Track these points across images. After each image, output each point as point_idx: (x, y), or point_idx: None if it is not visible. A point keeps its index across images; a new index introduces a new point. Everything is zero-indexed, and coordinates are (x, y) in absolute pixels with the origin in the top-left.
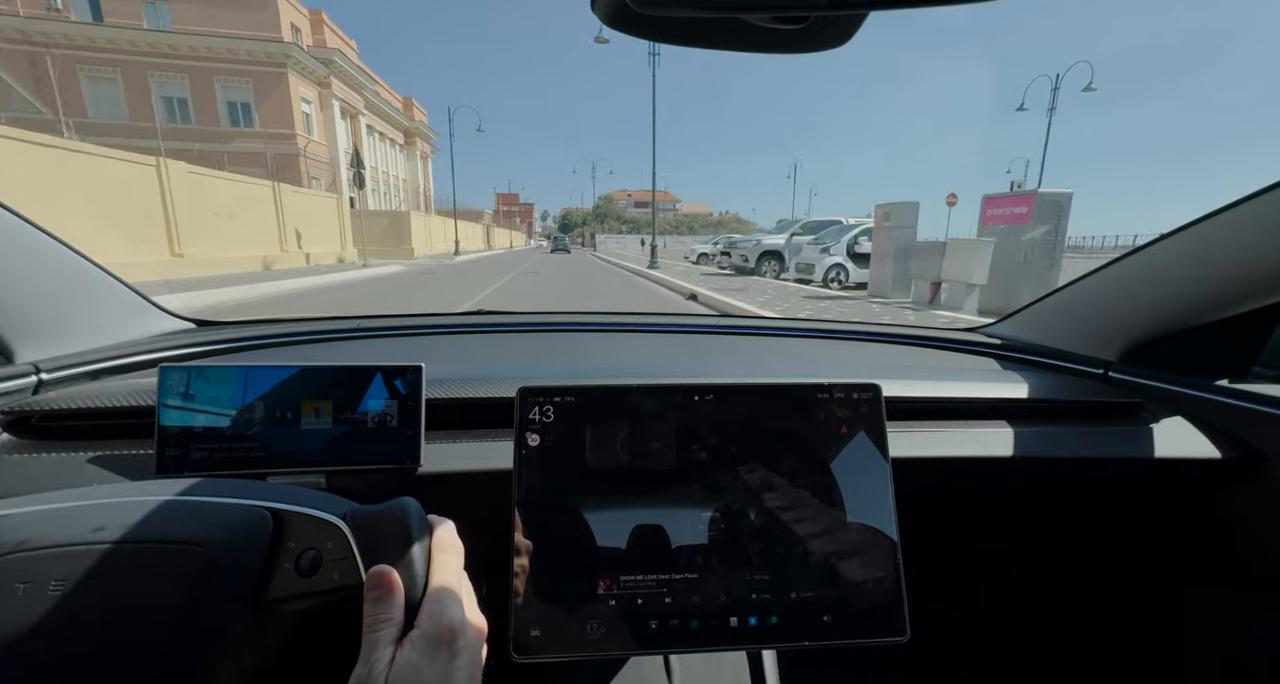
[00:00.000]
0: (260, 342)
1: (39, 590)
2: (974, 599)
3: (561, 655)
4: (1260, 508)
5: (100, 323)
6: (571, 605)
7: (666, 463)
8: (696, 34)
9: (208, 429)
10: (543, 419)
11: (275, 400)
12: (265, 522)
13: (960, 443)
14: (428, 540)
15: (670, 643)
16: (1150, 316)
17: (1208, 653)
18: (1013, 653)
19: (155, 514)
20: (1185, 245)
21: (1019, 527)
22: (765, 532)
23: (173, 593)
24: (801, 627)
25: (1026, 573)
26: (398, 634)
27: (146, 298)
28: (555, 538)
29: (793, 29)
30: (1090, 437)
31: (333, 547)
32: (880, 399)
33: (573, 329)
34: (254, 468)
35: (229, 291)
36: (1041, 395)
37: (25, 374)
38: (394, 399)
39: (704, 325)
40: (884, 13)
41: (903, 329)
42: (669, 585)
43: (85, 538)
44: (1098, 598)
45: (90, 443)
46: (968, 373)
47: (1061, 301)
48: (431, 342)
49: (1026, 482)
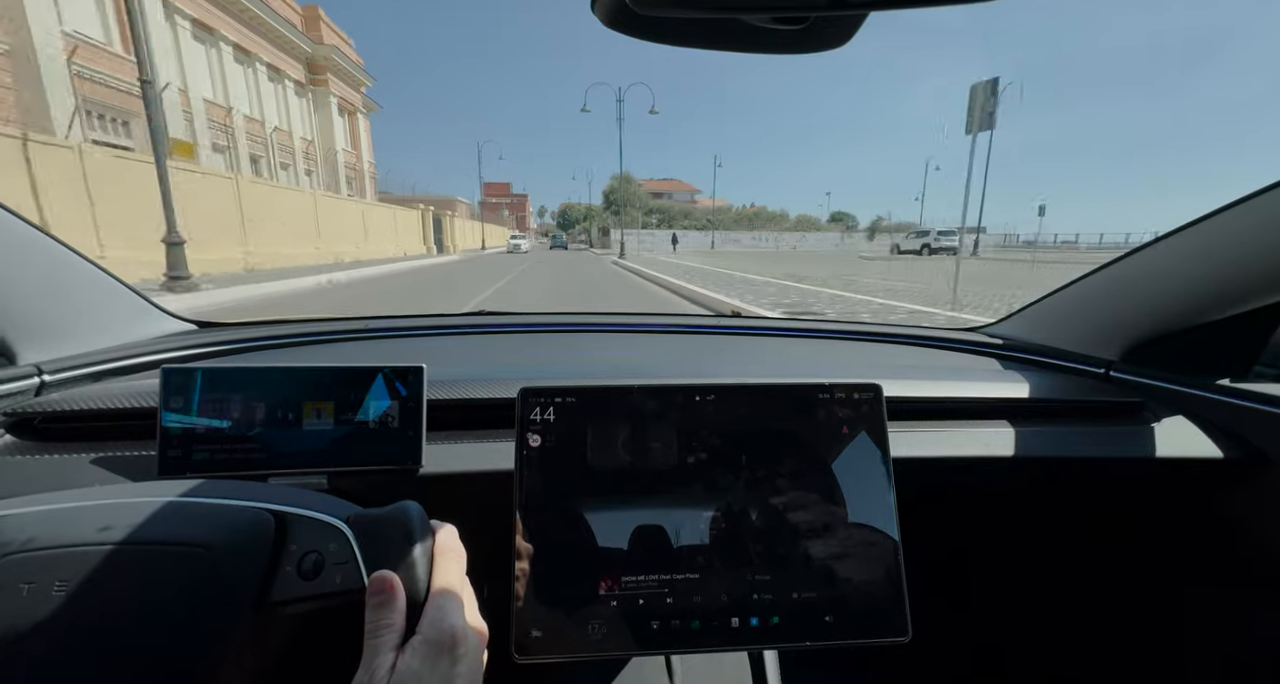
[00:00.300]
0: (261, 343)
1: (41, 591)
2: (975, 599)
3: (563, 656)
4: (1261, 507)
5: (102, 324)
6: (573, 606)
7: (667, 463)
8: (696, 34)
9: (209, 430)
10: (544, 420)
11: (277, 401)
12: (267, 524)
13: (961, 443)
14: (430, 545)
15: (671, 643)
16: (1151, 316)
17: (1209, 653)
18: (1014, 653)
19: (157, 516)
20: (1186, 245)
21: (1020, 527)
22: (766, 532)
23: (174, 595)
24: (803, 627)
25: (1028, 573)
26: (399, 640)
27: (148, 299)
28: (556, 538)
29: (792, 30)
30: (1092, 436)
31: (335, 550)
32: (881, 399)
33: (573, 329)
34: (255, 469)
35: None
36: (1043, 395)
37: (28, 375)
38: (395, 400)
39: (705, 326)
40: (884, 13)
41: (903, 329)
42: (670, 586)
43: (87, 539)
44: (1099, 598)
45: (92, 444)
46: (969, 373)
47: (1063, 301)
48: (433, 342)
49: (1028, 482)
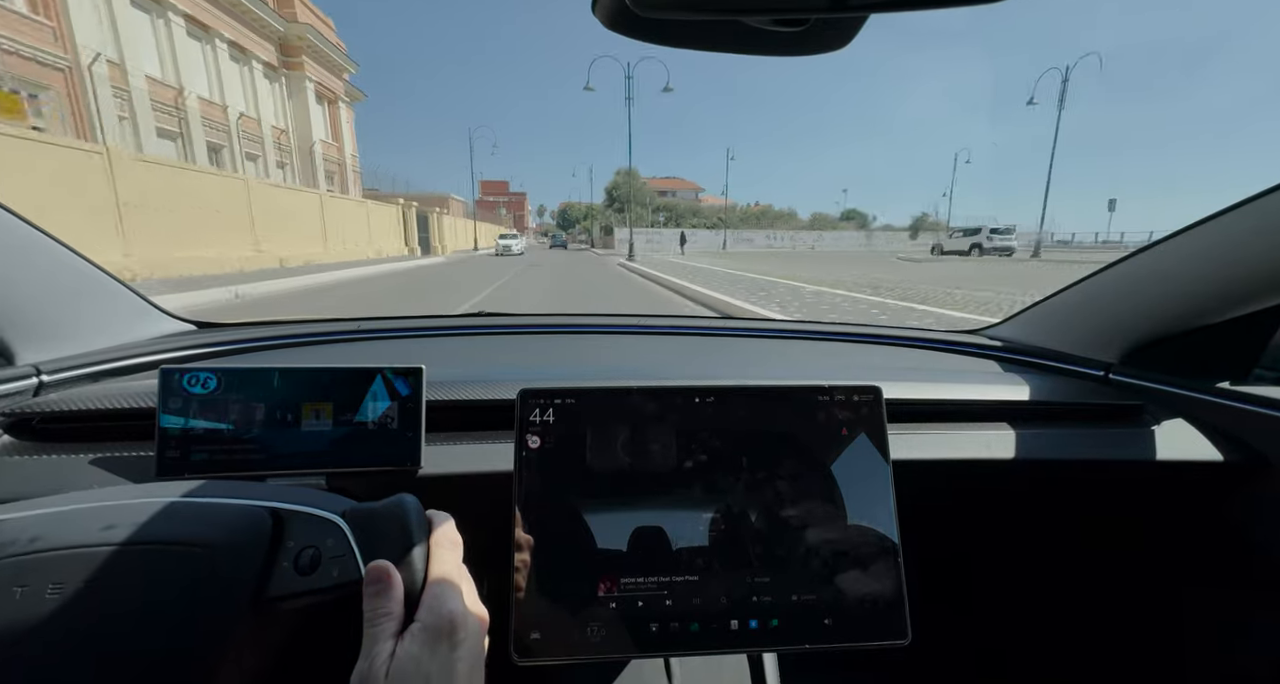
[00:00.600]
0: (260, 343)
1: (39, 593)
2: (975, 602)
3: (562, 658)
4: (1261, 510)
5: (101, 325)
6: (572, 608)
7: (667, 465)
8: (697, 36)
9: (208, 431)
10: (543, 421)
11: (275, 402)
12: (264, 521)
13: (961, 445)
14: (426, 535)
15: (671, 646)
16: (1151, 318)
17: (1209, 654)
18: (1014, 655)
19: (156, 516)
20: (1186, 247)
21: (1020, 529)
22: (766, 534)
23: (174, 594)
24: (802, 629)
25: (1028, 575)
26: (398, 627)
27: (147, 299)
28: (556, 540)
29: (793, 32)
30: (1091, 439)
31: (332, 544)
32: (881, 401)
33: (573, 331)
34: (254, 470)
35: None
36: (1043, 397)
37: (26, 376)
38: (394, 401)
39: (704, 327)
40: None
41: (903, 331)
42: (669, 588)
43: (86, 540)
44: (1099, 600)
45: (91, 445)
46: (969, 375)
47: (1062, 304)
48: (432, 343)
49: (1028, 484)
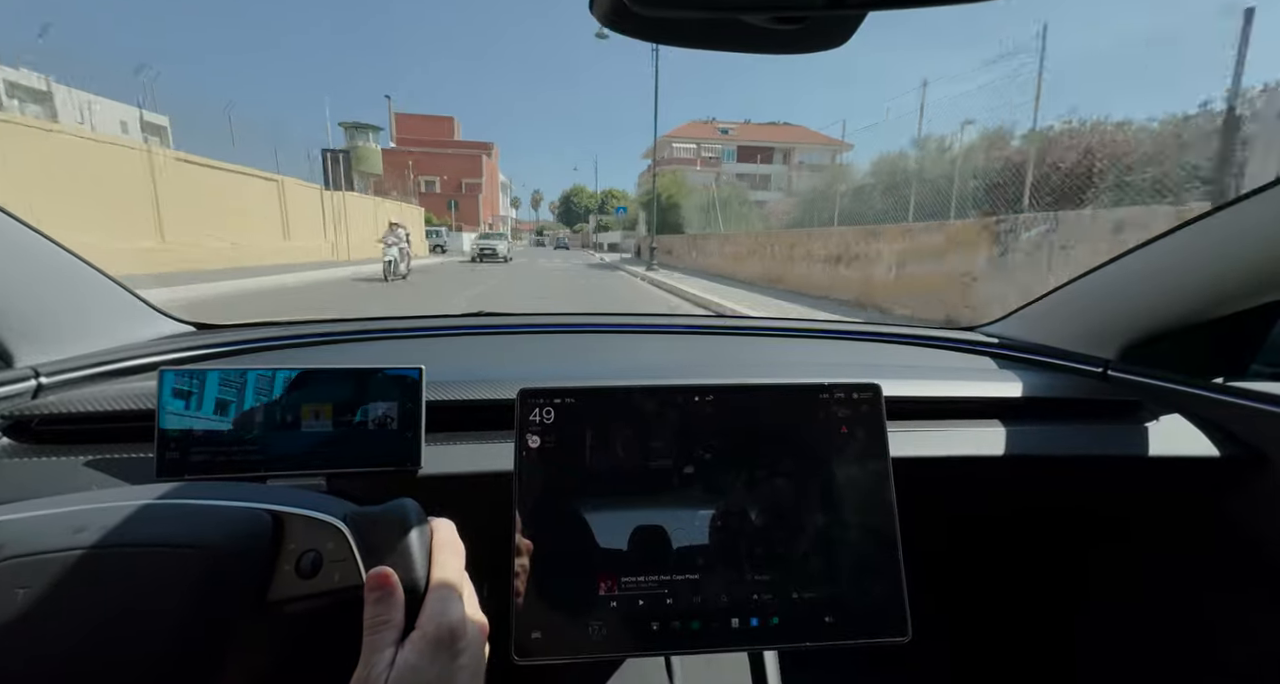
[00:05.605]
0: (259, 345)
1: (36, 595)
2: (975, 599)
3: (563, 657)
4: (1259, 506)
5: (100, 326)
6: (573, 607)
7: (667, 464)
8: (694, 34)
9: (208, 432)
10: (543, 421)
11: (275, 403)
12: (265, 523)
13: (960, 442)
14: (428, 540)
15: (671, 644)
16: (1148, 315)
17: (1207, 651)
18: (1013, 652)
19: (156, 518)
20: (1183, 243)
21: (1019, 526)
22: (766, 532)
23: (174, 597)
24: (803, 627)
25: (1027, 572)
26: (398, 635)
27: (146, 301)
28: (556, 539)
29: (791, 30)
30: (1089, 435)
31: (333, 548)
32: (880, 399)
33: (573, 330)
34: (254, 471)
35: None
36: (1040, 394)
37: (24, 378)
38: (394, 401)
39: (704, 326)
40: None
41: (901, 329)
42: (670, 586)
43: (87, 542)
44: (1098, 596)
45: (90, 447)
46: (967, 372)
47: (1059, 300)
48: (431, 344)
49: (1027, 481)
